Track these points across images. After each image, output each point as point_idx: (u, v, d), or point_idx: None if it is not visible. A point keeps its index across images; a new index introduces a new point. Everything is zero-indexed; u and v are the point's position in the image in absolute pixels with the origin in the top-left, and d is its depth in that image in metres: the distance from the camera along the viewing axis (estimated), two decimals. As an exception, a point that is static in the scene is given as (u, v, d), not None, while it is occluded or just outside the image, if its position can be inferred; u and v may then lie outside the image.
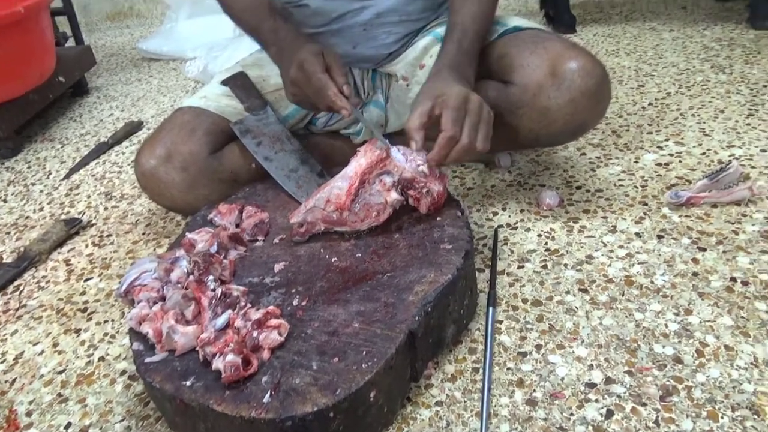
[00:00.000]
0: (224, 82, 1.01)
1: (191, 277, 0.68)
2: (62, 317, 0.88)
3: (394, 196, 0.76)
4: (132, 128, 1.54)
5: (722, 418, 0.59)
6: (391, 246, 0.75)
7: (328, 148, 1.06)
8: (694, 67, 1.47)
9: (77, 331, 0.85)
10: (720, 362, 0.65)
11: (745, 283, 0.76)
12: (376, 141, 0.77)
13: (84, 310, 0.89)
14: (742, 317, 0.71)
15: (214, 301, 0.64)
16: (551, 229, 0.92)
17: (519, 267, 0.84)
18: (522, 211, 0.98)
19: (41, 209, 1.22)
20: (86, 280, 0.96)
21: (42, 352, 0.82)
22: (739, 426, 0.58)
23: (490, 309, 0.75)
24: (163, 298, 0.68)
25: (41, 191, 1.30)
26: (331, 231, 0.79)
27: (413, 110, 0.76)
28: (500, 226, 0.94)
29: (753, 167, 1.00)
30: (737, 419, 0.59)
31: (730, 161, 0.94)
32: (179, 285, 0.68)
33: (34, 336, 0.85)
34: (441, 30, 0.98)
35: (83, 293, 0.93)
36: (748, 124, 1.15)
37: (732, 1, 1.97)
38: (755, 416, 0.59)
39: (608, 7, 2.12)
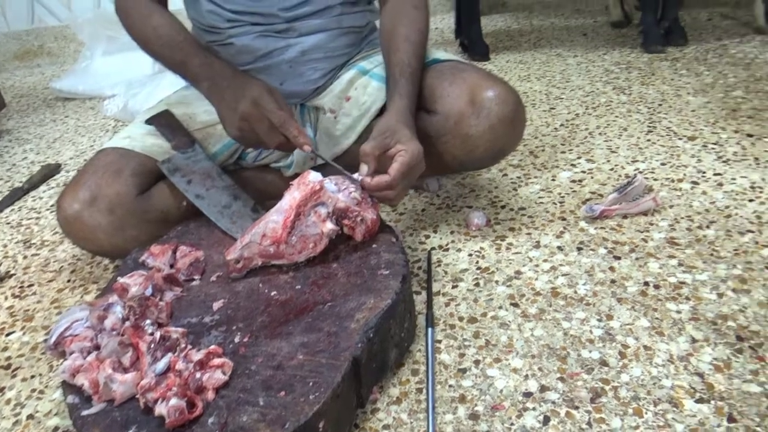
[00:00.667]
0: (149, 121, 1.00)
1: (127, 323, 0.66)
2: (-17, 376, 0.83)
3: (329, 226, 0.78)
4: (49, 171, 1.48)
5: (646, 413, 0.64)
6: (330, 275, 0.76)
7: (260, 182, 1.07)
8: (597, 89, 1.59)
9: (1, 390, 0.80)
10: (641, 362, 0.71)
11: (656, 287, 0.83)
12: (309, 173, 0.79)
13: (7, 367, 0.84)
14: (657, 318, 0.77)
15: (152, 346, 0.63)
16: (481, 248, 0.97)
17: (453, 287, 0.88)
18: (452, 232, 1.02)
19: (-49, 263, 1.14)
20: (8, 335, 0.91)
21: (-38, 416, 0.76)
22: (661, 419, 0.63)
23: (429, 330, 0.77)
24: (97, 347, 0.66)
25: (-50, 243, 1.22)
26: (269, 265, 0.79)
27: (372, 138, 0.81)
28: (433, 248, 0.98)
29: (655, 179, 1.10)
30: (659, 413, 0.64)
31: (635, 175, 1.03)
32: (114, 332, 0.66)
33: (-48, 399, 0.79)
34: (365, 63, 1.02)
35: (5, 349, 0.88)
36: (649, 140, 1.26)
37: (626, 28, 2.15)
38: (675, 408, 0.64)
39: (517, 35, 2.26)
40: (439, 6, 2.73)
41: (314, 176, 0.79)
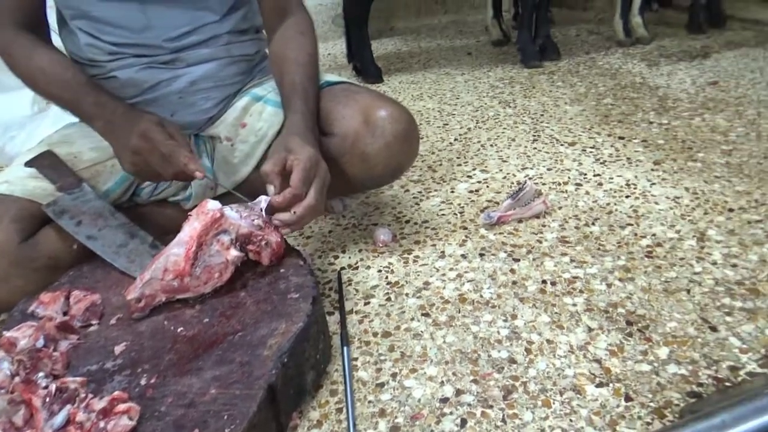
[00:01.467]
0: (29, 164, 0.94)
1: (17, 379, 0.61)
2: None
3: (234, 253, 0.76)
4: None
5: (554, 403, 0.68)
6: (239, 305, 0.75)
7: (160, 217, 1.03)
8: (485, 104, 1.69)
9: None
10: (545, 355, 0.75)
11: (553, 284, 0.88)
12: (207, 202, 0.77)
13: None
14: (556, 313, 0.82)
15: (48, 399, 0.58)
16: (389, 263, 0.99)
17: (365, 304, 0.89)
18: (360, 251, 1.03)
19: None
20: None
21: None
22: (567, 407, 0.67)
23: (345, 348, 0.78)
24: (-17, 410, 0.60)
25: None
26: (174, 300, 0.76)
27: (268, 159, 0.80)
28: (343, 268, 0.99)
29: (544, 184, 1.18)
30: (565, 401, 0.68)
31: (525, 181, 1.10)
32: (3, 390, 0.61)
33: None
34: (258, 90, 1.02)
35: None
36: (535, 148, 1.35)
37: (506, 46, 2.31)
38: (578, 395, 0.69)
39: (408, 57, 2.35)
40: (330, 32, 2.78)
41: (213, 204, 0.77)
